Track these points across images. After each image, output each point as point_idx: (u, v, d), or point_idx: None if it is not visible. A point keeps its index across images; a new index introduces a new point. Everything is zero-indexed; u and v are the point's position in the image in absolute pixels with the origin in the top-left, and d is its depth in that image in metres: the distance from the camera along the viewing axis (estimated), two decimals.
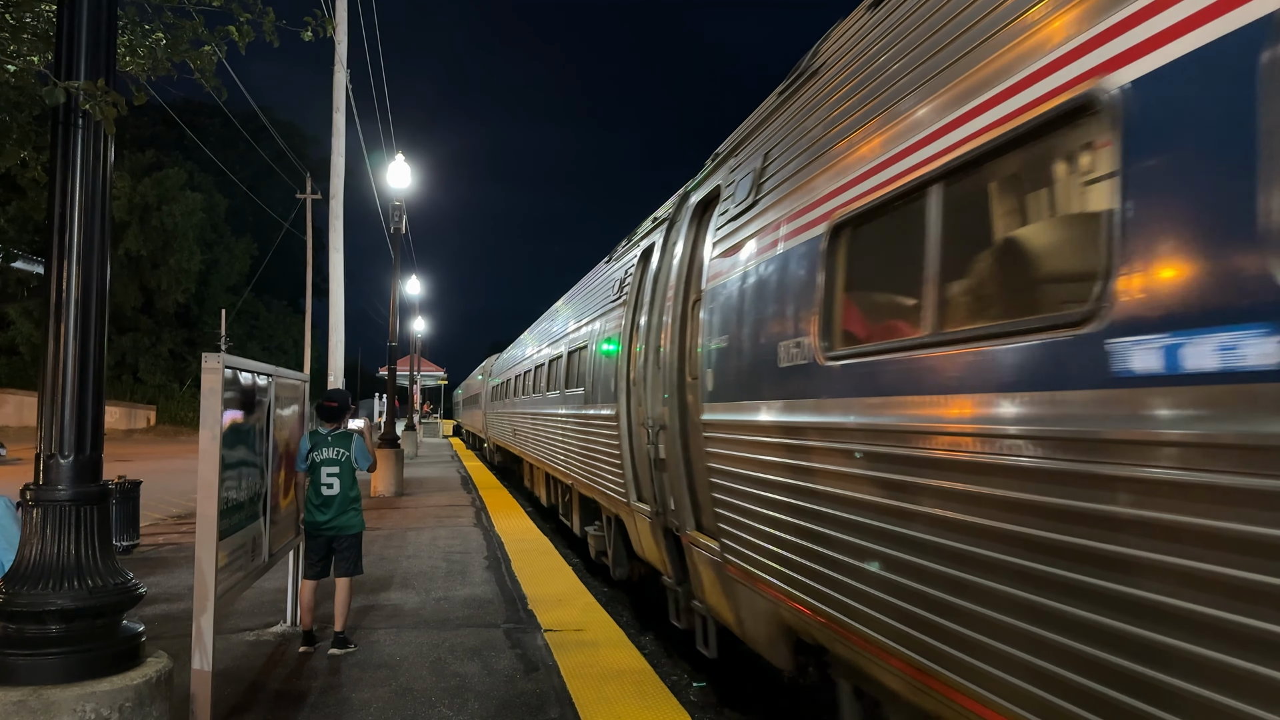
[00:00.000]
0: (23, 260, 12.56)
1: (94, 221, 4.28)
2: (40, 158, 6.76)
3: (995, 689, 2.67)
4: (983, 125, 2.86)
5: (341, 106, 17.63)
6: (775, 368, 4.40)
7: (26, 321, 51.94)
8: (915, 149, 3.27)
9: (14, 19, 6.09)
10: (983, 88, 2.90)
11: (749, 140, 5.66)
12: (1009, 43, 2.81)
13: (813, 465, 3.93)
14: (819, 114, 4.39)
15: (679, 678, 7.56)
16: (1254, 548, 1.87)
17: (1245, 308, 1.92)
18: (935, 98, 3.20)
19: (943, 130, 3.10)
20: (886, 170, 3.47)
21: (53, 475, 4.13)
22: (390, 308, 22.00)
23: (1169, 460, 2.08)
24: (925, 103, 3.27)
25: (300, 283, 52.70)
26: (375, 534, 12.49)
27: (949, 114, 3.08)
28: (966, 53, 3.05)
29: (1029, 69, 2.66)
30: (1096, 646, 2.27)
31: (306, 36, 6.73)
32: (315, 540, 6.85)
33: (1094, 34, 2.40)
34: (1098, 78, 2.36)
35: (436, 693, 5.73)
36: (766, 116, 5.43)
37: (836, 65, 4.40)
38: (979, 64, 2.96)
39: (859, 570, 3.49)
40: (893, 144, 3.45)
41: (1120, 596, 2.20)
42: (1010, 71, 2.76)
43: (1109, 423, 2.24)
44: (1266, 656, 1.84)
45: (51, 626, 3.92)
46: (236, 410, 5.58)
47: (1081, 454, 2.33)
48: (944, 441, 2.95)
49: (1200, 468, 2.00)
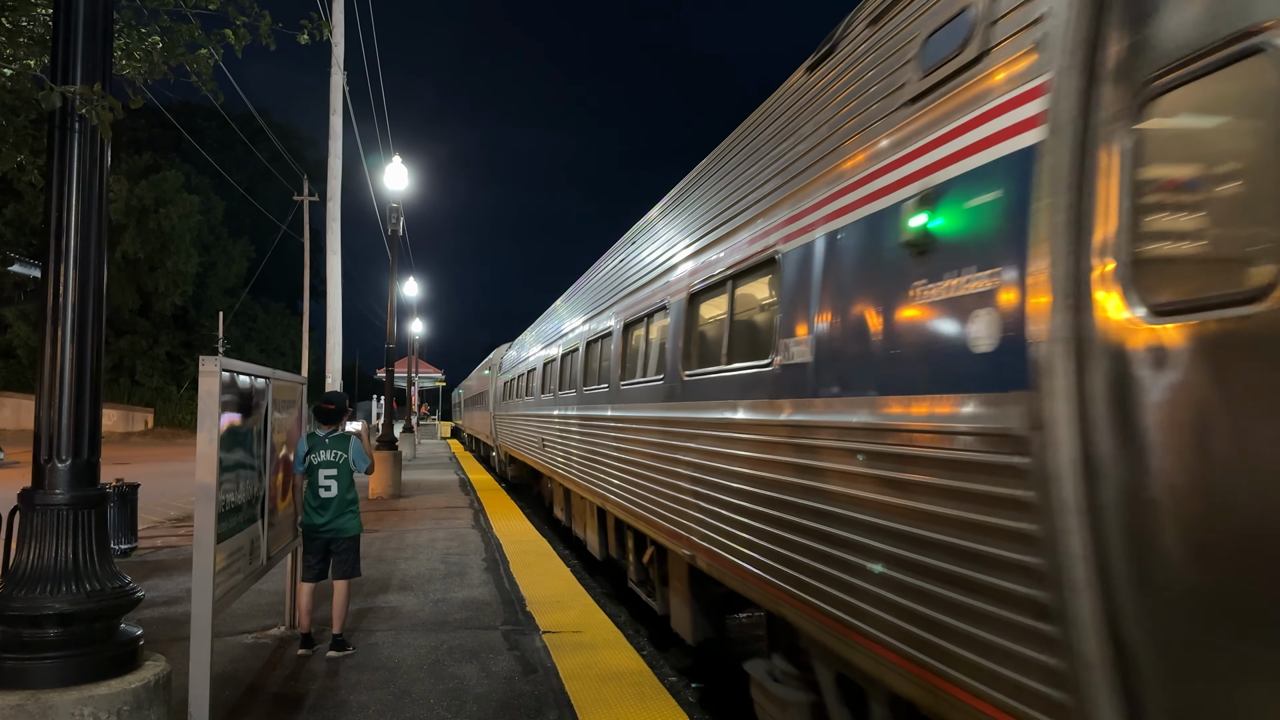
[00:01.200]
0: (20, 264, 12.56)
1: (91, 225, 4.29)
2: (37, 161, 6.76)
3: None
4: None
5: (339, 109, 17.63)
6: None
7: (24, 324, 51.84)
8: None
9: (9, 22, 6.08)
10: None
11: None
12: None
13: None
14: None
15: (677, 679, 7.56)
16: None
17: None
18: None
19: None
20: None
21: (50, 479, 4.13)
22: (388, 310, 22.00)
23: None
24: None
25: (298, 285, 52.68)
26: (373, 536, 12.49)
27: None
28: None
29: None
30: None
31: (303, 39, 6.74)
32: (313, 542, 6.85)
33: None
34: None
35: (435, 695, 5.74)
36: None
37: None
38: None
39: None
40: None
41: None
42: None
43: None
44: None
45: (49, 630, 3.92)
46: (234, 413, 5.58)
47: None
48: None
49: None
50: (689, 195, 6.92)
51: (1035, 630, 2.46)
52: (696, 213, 6.52)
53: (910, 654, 3.09)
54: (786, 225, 4.54)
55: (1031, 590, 2.47)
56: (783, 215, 4.62)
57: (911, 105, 3.42)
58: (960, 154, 3.03)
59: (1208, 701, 2.03)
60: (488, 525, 14.16)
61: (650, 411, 6.99)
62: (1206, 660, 2.03)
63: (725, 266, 5.56)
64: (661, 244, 7.46)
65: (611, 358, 8.92)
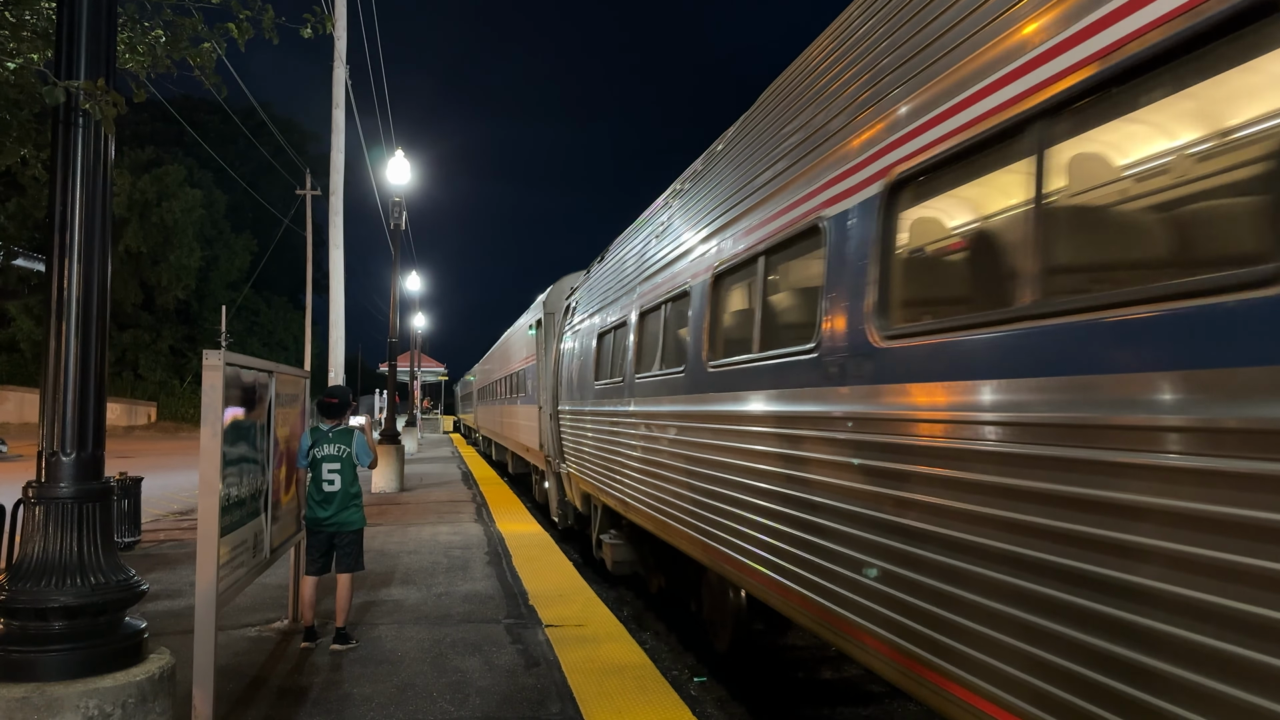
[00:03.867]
0: (23, 258, 12.59)
1: (95, 220, 4.29)
2: (40, 155, 6.77)
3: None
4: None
5: (341, 102, 17.63)
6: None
7: (27, 318, 51.95)
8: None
9: (14, 16, 6.08)
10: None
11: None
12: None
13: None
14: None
15: (680, 672, 7.59)
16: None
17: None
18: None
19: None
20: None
21: (55, 472, 4.14)
22: (390, 303, 22.01)
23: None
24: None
25: (300, 278, 52.68)
26: (376, 530, 12.51)
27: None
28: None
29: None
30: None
31: (306, 34, 6.74)
32: (316, 536, 6.87)
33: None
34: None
35: (438, 688, 5.76)
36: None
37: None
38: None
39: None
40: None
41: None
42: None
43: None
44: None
45: (54, 623, 3.94)
46: (237, 407, 5.60)
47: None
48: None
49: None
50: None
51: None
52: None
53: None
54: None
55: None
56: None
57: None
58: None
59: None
60: (490, 519, 14.18)
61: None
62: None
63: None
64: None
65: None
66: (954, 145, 3.21)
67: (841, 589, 3.96)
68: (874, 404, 3.70)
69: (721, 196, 6.16)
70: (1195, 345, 2.18)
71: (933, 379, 3.29)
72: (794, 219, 4.72)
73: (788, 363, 4.64)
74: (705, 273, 6.18)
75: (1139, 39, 2.38)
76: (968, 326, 3.11)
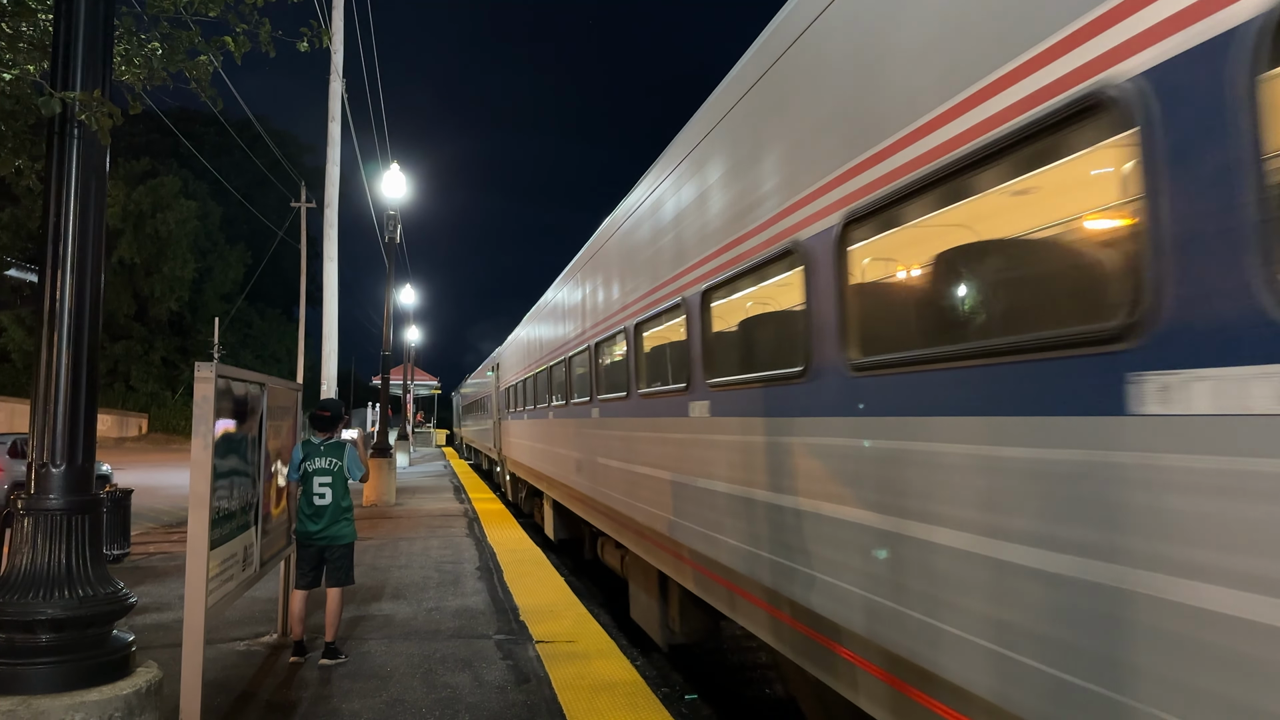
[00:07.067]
0: (16, 268, 12.55)
1: (88, 231, 4.29)
2: (35, 166, 6.76)
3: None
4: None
5: (337, 116, 17.67)
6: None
7: (19, 329, 51.79)
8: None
9: (10, 28, 6.09)
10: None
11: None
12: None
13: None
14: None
15: (670, 690, 7.55)
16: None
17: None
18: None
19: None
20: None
21: (44, 484, 4.12)
22: (384, 317, 21.99)
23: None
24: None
25: (294, 291, 52.66)
26: (367, 544, 12.46)
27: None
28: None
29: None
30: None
31: (302, 47, 6.76)
32: (307, 550, 6.84)
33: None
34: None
35: (427, 704, 5.72)
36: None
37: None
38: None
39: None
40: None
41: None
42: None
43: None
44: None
45: (41, 636, 3.91)
46: (229, 419, 5.58)
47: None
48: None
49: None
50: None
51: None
52: None
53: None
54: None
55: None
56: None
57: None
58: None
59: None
60: (482, 533, 14.13)
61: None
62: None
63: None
64: None
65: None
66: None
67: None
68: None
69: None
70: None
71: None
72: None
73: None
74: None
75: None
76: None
